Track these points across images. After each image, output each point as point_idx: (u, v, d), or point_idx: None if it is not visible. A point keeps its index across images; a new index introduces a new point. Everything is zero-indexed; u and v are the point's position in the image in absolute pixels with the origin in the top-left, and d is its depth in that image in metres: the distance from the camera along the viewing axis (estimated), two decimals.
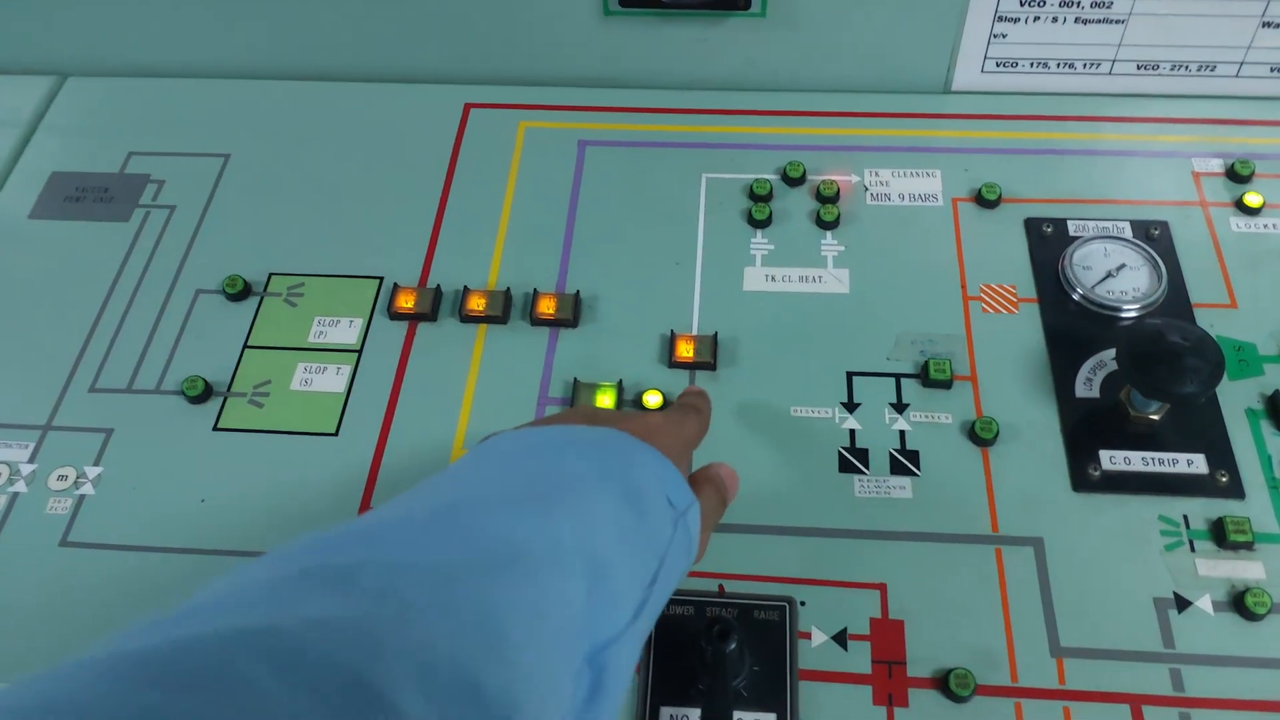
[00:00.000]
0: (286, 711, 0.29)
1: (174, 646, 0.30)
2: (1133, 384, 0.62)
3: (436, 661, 0.33)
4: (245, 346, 0.73)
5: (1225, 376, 0.67)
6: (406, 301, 0.74)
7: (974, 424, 0.66)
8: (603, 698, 0.41)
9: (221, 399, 0.70)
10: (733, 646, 0.52)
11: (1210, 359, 0.59)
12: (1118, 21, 0.81)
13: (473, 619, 0.36)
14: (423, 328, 0.74)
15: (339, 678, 0.30)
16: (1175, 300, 0.72)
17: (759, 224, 0.78)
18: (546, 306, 0.73)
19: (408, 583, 0.36)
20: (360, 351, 0.72)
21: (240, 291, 0.75)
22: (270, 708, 0.29)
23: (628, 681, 0.44)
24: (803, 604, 0.60)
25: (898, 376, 0.69)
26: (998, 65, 0.84)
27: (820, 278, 0.75)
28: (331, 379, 0.71)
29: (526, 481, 0.45)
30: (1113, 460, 0.64)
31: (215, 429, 0.69)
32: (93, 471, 0.68)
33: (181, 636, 0.31)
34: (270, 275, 0.77)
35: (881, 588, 0.60)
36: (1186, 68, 0.83)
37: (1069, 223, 0.76)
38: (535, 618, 0.38)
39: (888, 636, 0.59)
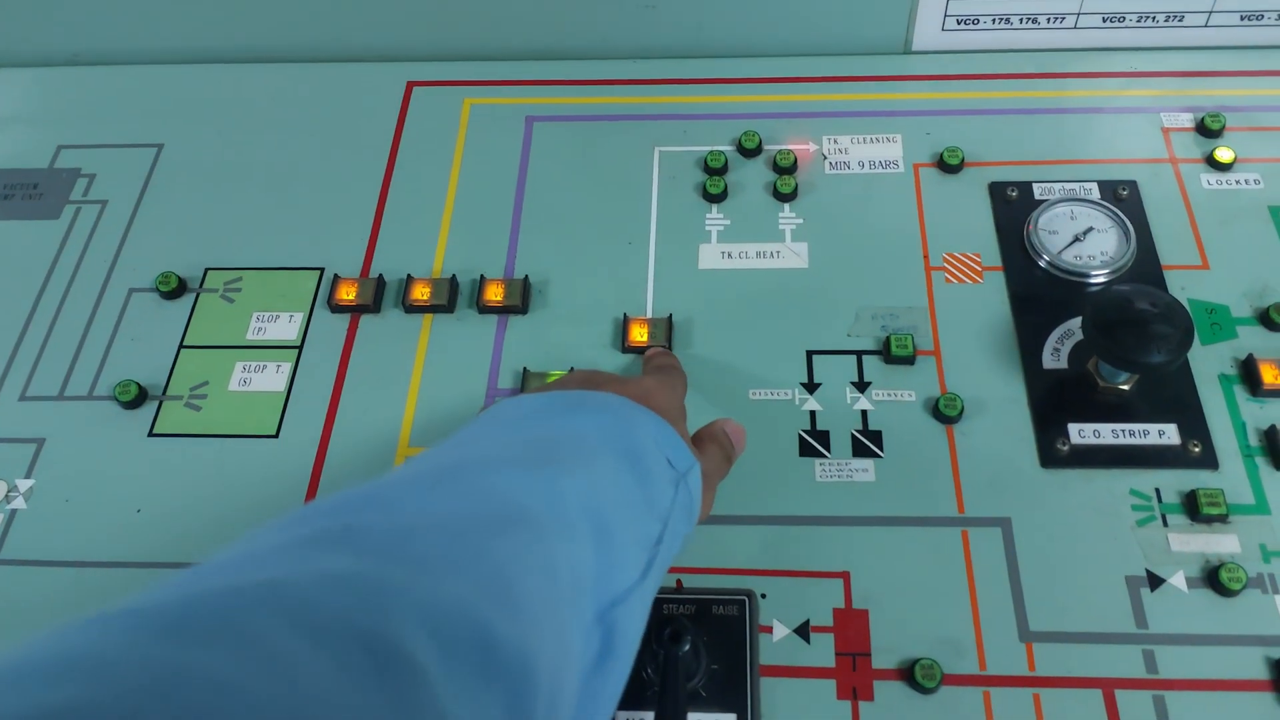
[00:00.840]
0: (302, 664, 0.28)
1: (188, 600, 0.30)
2: (1099, 354, 0.60)
3: (449, 614, 0.33)
4: (181, 346, 0.70)
5: (1198, 341, 0.65)
6: (348, 293, 0.71)
7: (938, 401, 0.63)
8: (613, 657, 0.41)
9: (157, 403, 0.67)
10: (686, 649, 0.50)
11: (1179, 325, 0.57)
12: None
13: (482, 573, 0.36)
14: (365, 320, 0.71)
15: (353, 630, 0.30)
16: (1145, 263, 0.69)
17: (714, 198, 0.75)
18: (494, 293, 0.70)
19: (415, 539, 0.36)
20: (301, 348, 0.70)
21: (175, 289, 0.72)
22: (285, 660, 0.28)
23: (637, 641, 0.44)
24: (763, 596, 0.57)
25: (859, 354, 0.67)
26: (958, 23, 0.81)
27: (778, 253, 0.72)
28: (271, 377, 0.68)
29: (529, 444, 0.45)
30: (1081, 434, 0.62)
31: (151, 435, 0.66)
32: (24, 484, 0.65)
33: (195, 591, 0.31)
34: (206, 270, 0.74)
35: (844, 576, 0.58)
36: (1154, 18, 0.80)
37: (1034, 185, 0.73)
38: (543, 574, 0.38)
39: (851, 627, 0.56)
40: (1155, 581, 0.57)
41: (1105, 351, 0.58)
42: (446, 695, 0.30)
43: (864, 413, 0.64)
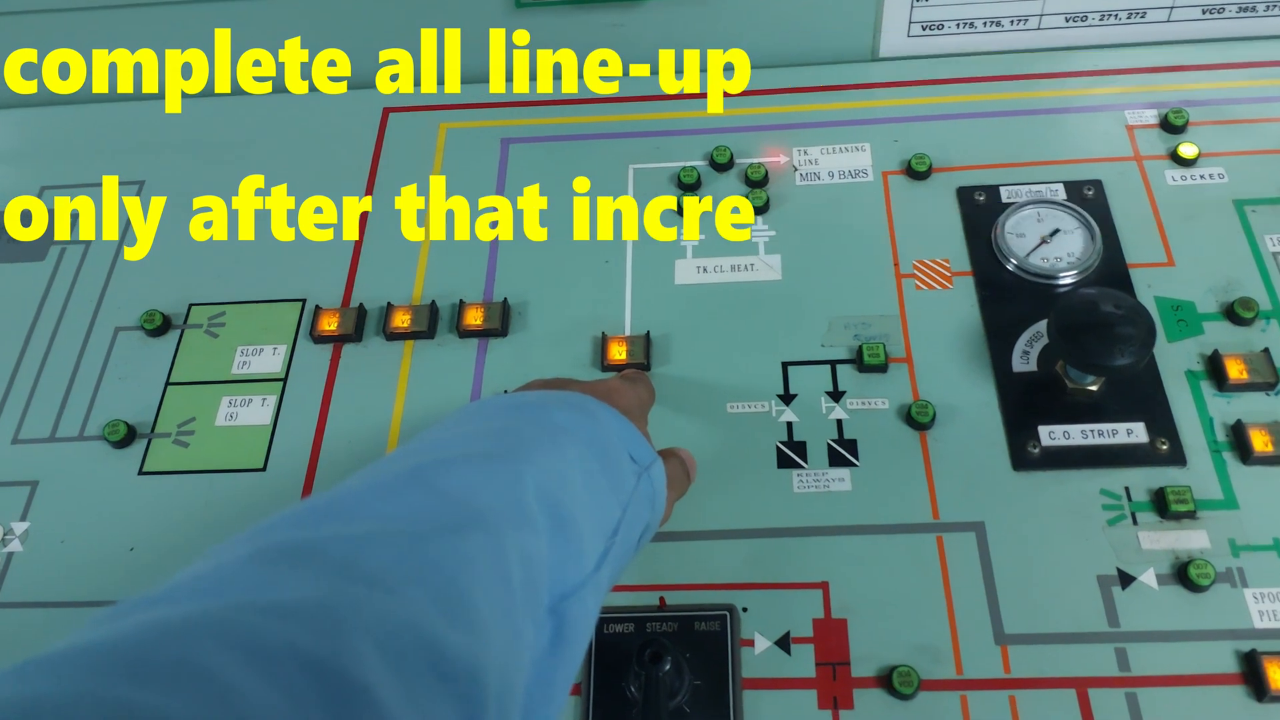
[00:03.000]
0: (253, 701, 0.29)
1: (142, 636, 0.31)
2: (1064, 358, 0.61)
3: (399, 633, 0.34)
4: (167, 384, 0.71)
5: (1164, 338, 0.66)
6: (329, 324, 0.72)
7: (910, 408, 0.64)
8: (564, 647, 0.42)
9: (146, 441, 0.69)
10: (667, 668, 0.51)
11: (1142, 327, 0.58)
12: None
13: (434, 584, 0.37)
14: (348, 349, 0.72)
15: (304, 660, 0.31)
16: (1111, 262, 0.70)
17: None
18: (474, 317, 0.71)
19: (370, 553, 0.37)
20: (285, 380, 0.71)
21: (159, 326, 0.73)
22: (237, 697, 0.29)
23: (590, 631, 0.45)
24: (744, 610, 0.59)
25: (833, 363, 0.68)
26: (923, 29, 0.82)
27: (752, 265, 0.73)
28: (257, 411, 0.69)
29: (493, 434, 0.46)
30: (1052, 435, 0.63)
31: (141, 473, 0.67)
32: (20, 527, 0.66)
33: (150, 623, 0.31)
34: (190, 306, 0.75)
35: (823, 586, 0.59)
36: (1116, 16, 0.81)
37: (1002, 189, 0.74)
38: (495, 577, 0.39)
39: (831, 637, 0.58)
40: (1126, 580, 0.58)
41: (1070, 356, 0.59)
42: (396, 714, 0.31)
43: (839, 422, 0.66)
